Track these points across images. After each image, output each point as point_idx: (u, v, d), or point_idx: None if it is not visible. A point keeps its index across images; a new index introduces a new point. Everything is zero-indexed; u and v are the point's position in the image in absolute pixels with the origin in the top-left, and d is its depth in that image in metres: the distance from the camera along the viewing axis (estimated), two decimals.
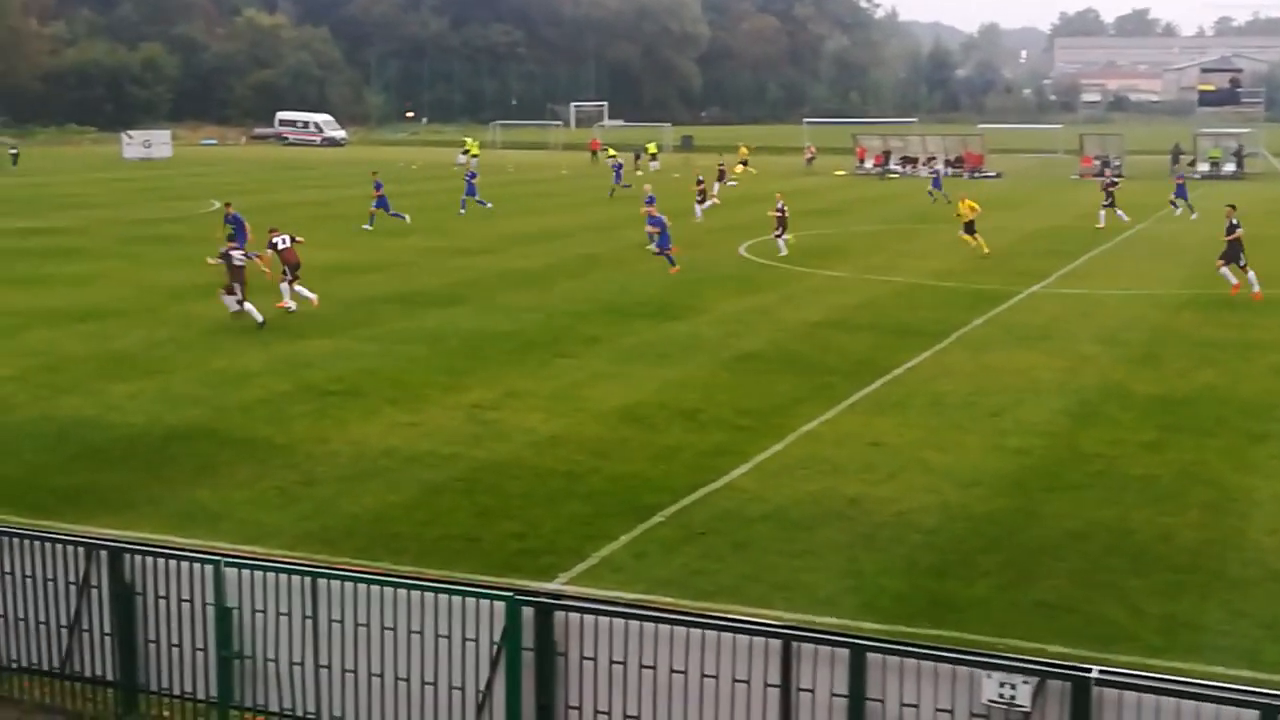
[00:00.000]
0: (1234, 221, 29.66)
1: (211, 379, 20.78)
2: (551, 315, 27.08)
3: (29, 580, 10.17)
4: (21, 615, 10.22)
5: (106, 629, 10.00)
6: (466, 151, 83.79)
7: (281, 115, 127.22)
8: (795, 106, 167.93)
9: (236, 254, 25.87)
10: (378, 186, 44.38)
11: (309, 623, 9.40)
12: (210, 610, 9.64)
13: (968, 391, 20.34)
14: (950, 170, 75.07)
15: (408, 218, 43.90)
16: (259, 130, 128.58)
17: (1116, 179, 53.50)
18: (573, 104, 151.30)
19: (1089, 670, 7.64)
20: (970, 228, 37.94)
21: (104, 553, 10.00)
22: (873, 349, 23.67)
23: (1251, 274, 29.59)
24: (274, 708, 9.53)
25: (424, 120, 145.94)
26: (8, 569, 10.23)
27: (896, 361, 22.51)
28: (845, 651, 8.11)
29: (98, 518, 13.87)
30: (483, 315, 27.04)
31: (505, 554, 13.19)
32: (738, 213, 49.25)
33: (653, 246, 34.44)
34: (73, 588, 10.06)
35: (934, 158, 79.49)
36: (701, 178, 51.79)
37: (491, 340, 24.32)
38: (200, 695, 9.75)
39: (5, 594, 10.26)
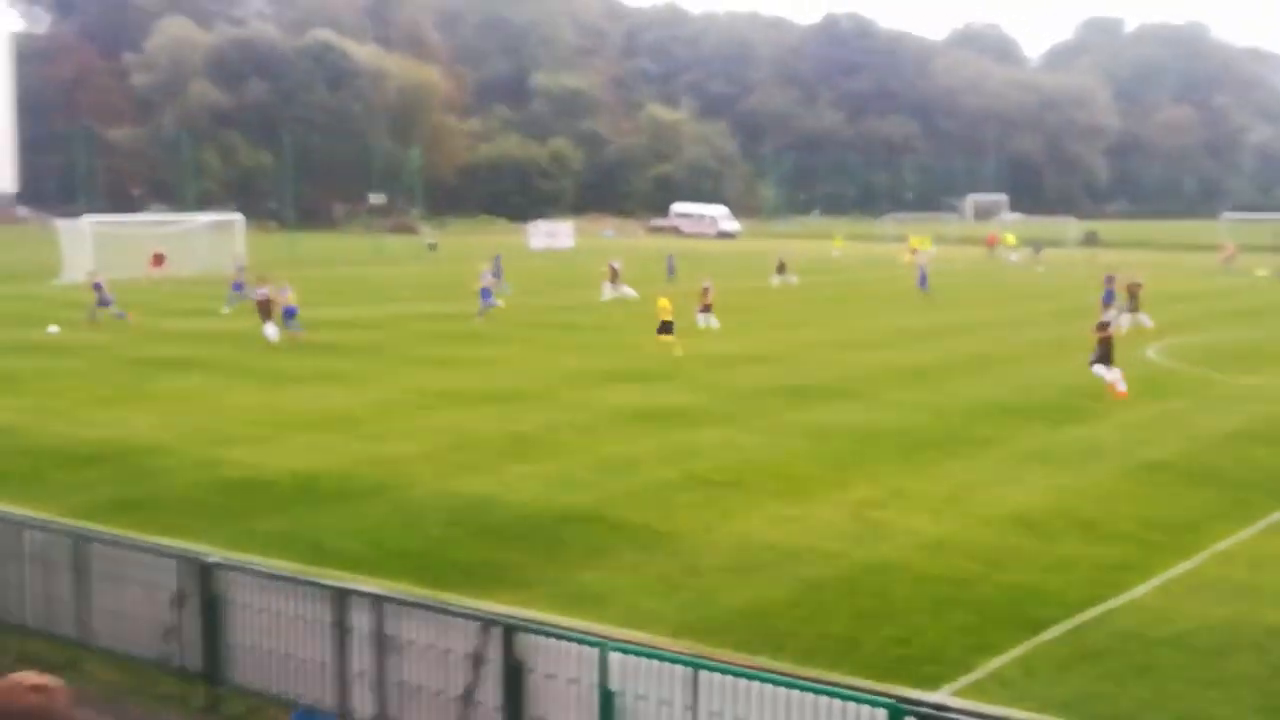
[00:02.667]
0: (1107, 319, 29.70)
1: (603, 464, 21.34)
2: (942, 414, 26.44)
3: (429, 650, 10.60)
4: (419, 684, 10.66)
5: (497, 703, 10.27)
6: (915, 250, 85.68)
7: (677, 207, 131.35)
8: (1212, 201, 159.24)
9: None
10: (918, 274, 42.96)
11: (689, 713, 9.36)
12: (595, 692, 9.75)
13: None
14: None
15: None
16: (656, 222, 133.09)
17: None
18: (970, 196, 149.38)
19: None
20: (666, 328, 35.20)
21: (498, 629, 10.31)
22: None
23: (1117, 372, 28.71)
24: None
25: (815, 212, 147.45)
26: (409, 638, 10.70)
27: None
28: None
29: (492, 593, 14.36)
30: (871, 410, 26.70)
31: (886, 659, 12.78)
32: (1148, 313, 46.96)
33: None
34: (467, 661, 10.41)
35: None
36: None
37: (879, 437, 23.93)
38: None
39: (405, 662, 10.74)
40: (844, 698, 8.93)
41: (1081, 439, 24.01)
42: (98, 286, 42.49)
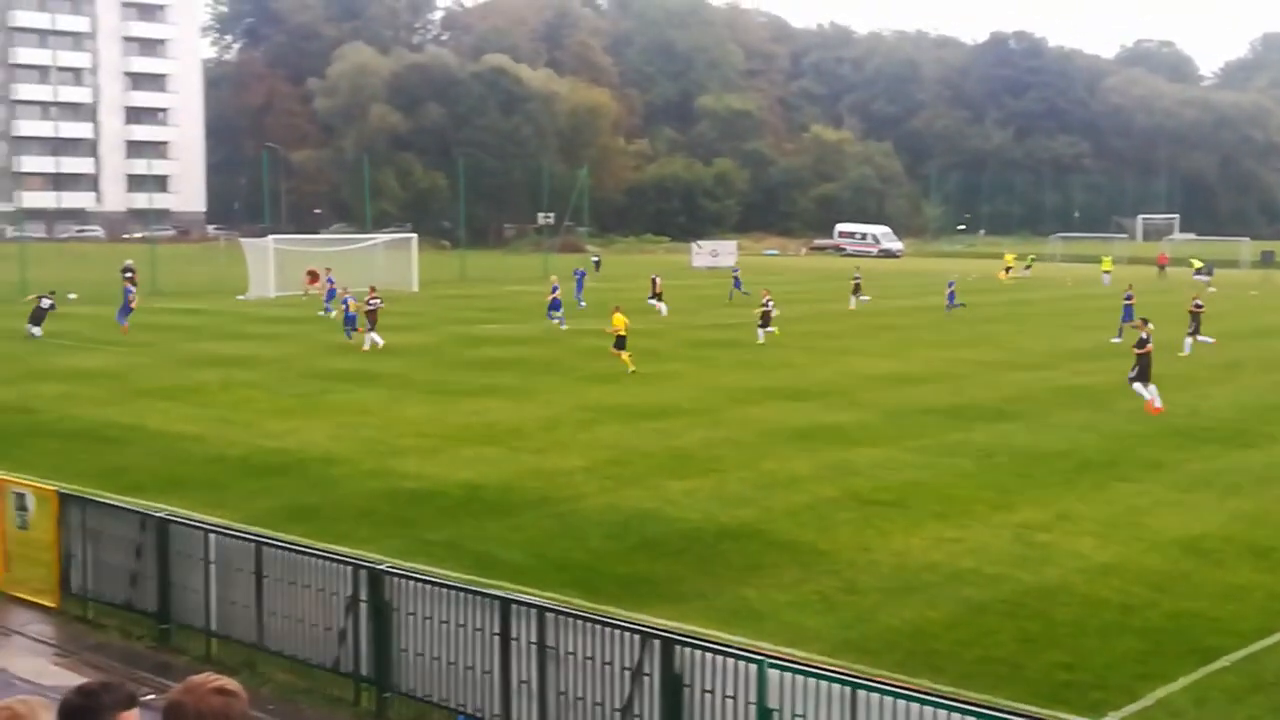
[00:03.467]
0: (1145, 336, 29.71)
1: (762, 480, 21.40)
2: (1109, 436, 25.86)
3: (588, 662, 10.80)
4: (580, 694, 10.85)
5: (656, 716, 10.41)
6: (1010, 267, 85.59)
7: (840, 227, 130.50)
8: None
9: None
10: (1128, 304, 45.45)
11: None
12: (752, 709, 9.81)
13: None
14: None
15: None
16: (818, 241, 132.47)
17: None
18: (1140, 216, 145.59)
19: None
20: (620, 343, 35.50)
21: (657, 642, 10.45)
22: None
23: (1153, 388, 28.95)
24: None
25: (981, 232, 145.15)
26: (570, 649, 10.92)
27: None
28: None
29: (651, 607, 14.53)
30: (1035, 432, 26.25)
31: (1050, 684, 12.60)
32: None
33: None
34: (626, 673, 10.57)
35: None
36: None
37: (1043, 459, 23.52)
38: None
39: (565, 673, 10.96)
40: None
41: (1256, 463, 23.25)
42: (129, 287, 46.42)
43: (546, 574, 15.94)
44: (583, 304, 55.66)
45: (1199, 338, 40.68)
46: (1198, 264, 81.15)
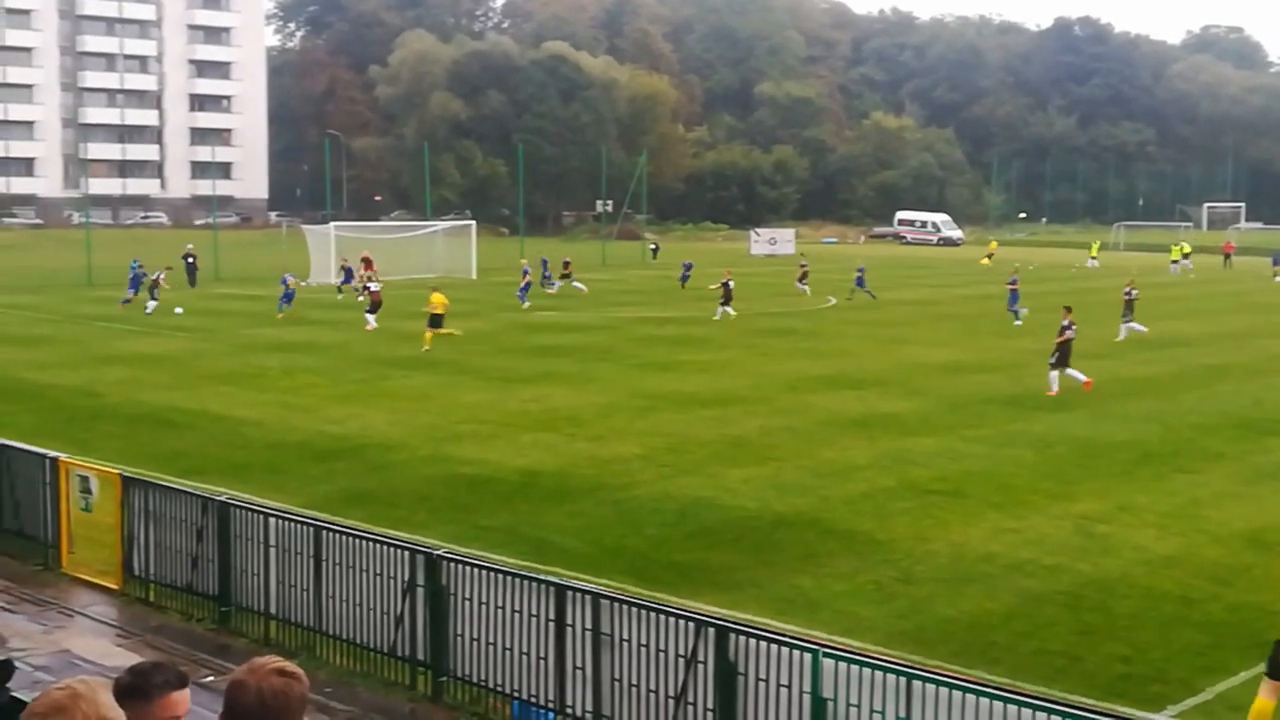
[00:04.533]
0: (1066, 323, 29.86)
1: (819, 469, 21.33)
2: (1172, 427, 25.55)
3: (643, 649, 10.82)
4: (634, 682, 10.88)
5: (710, 704, 10.42)
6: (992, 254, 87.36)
7: (900, 215, 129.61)
8: None
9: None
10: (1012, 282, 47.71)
11: None
12: (806, 699, 9.79)
13: None
14: None
15: (1023, 313, 44.02)
16: (877, 229, 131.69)
17: None
18: (1205, 205, 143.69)
19: None
20: (436, 321, 37.06)
21: (711, 630, 10.46)
22: None
23: (1056, 374, 29.28)
24: None
25: (1043, 220, 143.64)
26: (625, 636, 10.94)
27: None
28: None
29: (705, 595, 14.53)
30: (1096, 422, 25.98)
31: (1108, 677, 12.49)
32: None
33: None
34: (681, 661, 10.58)
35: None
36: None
37: (1104, 449, 23.28)
38: None
39: (620, 660, 10.98)
40: (1063, 715, 8.79)
41: None
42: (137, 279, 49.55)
43: (602, 560, 15.99)
44: (554, 286, 57.55)
45: (1133, 325, 40.48)
46: (1187, 249, 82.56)
